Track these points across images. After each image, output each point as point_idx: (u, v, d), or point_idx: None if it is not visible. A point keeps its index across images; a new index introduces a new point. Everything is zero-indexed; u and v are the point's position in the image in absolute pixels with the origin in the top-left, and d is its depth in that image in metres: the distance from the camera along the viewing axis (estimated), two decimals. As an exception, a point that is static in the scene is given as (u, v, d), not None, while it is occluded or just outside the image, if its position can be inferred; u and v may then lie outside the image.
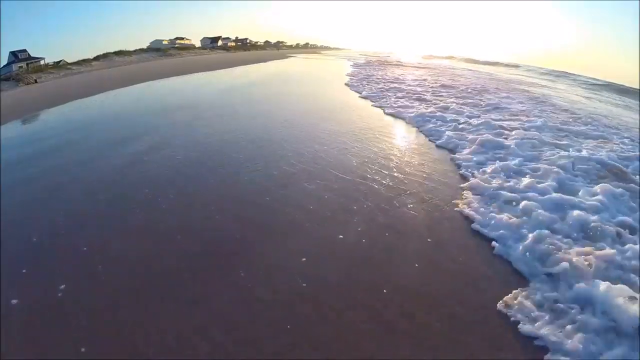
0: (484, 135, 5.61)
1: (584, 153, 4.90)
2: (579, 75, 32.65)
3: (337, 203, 3.53)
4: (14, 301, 2.29)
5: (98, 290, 2.39)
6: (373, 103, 8.86)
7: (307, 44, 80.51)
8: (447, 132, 6.07)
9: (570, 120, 7.81)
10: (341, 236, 2.98)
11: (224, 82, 14.27)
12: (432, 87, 11.90)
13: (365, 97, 9.67)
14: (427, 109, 7.93)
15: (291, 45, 71.23)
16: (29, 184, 4.17)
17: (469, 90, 11.68)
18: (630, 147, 5.78)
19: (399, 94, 10.02)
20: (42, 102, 11.32)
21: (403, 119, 7.33)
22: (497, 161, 4.57)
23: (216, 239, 2.97)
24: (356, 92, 10.39)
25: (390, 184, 4.02)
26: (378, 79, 13.95)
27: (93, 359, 1.91)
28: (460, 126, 6.48)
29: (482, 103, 8.97)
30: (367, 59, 32.47)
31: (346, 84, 12.49)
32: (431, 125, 6.63)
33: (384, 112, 8.00)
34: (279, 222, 3.22)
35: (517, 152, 4.93)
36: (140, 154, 4.97)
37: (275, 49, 58.86)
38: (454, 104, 8.57)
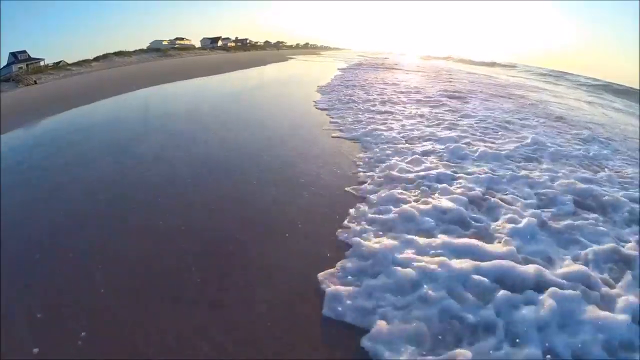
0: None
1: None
2: (580, 76, 32.61)
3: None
4: (13, 301, 2.30)
5: (98, 290, 2.39)
6: (328, 113, 7.88)
7: (307, 44, 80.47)
8: (376, 149, 5.23)
9: (558, 134, 6.89)
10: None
11: (219, 90, 14.04)
12: (408, 95, 10.73)
13: (324, 109, 8.31)
14: (370, 125, 6.67)
15: (291, 46, 71.19)
16: (28, 185, 4.19)
17: (455, 97, 10.69)
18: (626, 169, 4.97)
19: (368, 104, 8.89)
20: (42, 103, 11.35)
21: (352, 138, 5.96)
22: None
23: (216, 239, 2.98)
24: (323, 108, 8.44)
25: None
26: (355, 85, 12.81)
27: (93, 359, 1.91)
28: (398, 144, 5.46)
29: (458, 117, 7.70)
30: (361, 61, 32.08)
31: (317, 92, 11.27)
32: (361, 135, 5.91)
33: (329, 121, 7.09)
34: (278, 222, 3.24)
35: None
36: (142, 159, 4.99)
37: (275, 49, 58.86)
38: (423, 116, 7.58)
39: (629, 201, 3.70)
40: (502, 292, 2.20)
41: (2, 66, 25.02)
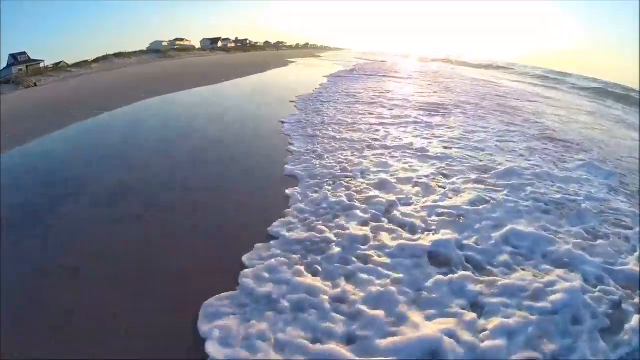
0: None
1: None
2: (582, 77, 32.32)
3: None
4: (13, 303, 2.52)
5: (98, 293, 2.65)
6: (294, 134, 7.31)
7: (307, 44, 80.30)
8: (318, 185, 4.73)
9: (541, 161, 6.19)
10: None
11: (189, 108, 10.90)
12: (383, 113, 9.78)
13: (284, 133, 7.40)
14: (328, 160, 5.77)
15: (291, 46, 71.02)
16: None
17: (437, 114, 9.99)
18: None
19: (332, 128, 7.90)
20: (40, 108, 11.40)
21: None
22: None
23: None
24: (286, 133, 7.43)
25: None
26: (333, 99, 11.71)
27: (92, 358, 2.10)
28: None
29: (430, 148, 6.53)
30: (357, 64, 31.10)
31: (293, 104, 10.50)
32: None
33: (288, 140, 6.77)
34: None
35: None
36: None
37: (275, 50, 58.74)
38: (388, 145, 6.62)
39: (600, 263, 3.20)
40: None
41: (1, 68, 25.11)
